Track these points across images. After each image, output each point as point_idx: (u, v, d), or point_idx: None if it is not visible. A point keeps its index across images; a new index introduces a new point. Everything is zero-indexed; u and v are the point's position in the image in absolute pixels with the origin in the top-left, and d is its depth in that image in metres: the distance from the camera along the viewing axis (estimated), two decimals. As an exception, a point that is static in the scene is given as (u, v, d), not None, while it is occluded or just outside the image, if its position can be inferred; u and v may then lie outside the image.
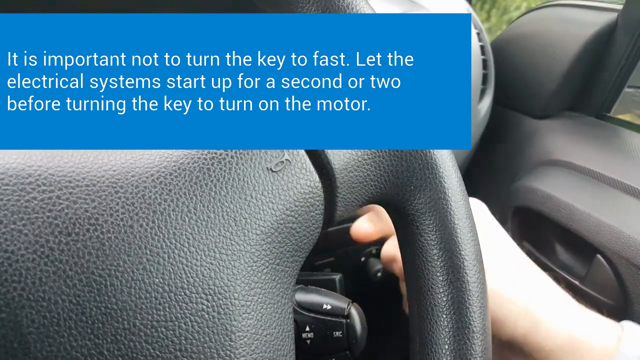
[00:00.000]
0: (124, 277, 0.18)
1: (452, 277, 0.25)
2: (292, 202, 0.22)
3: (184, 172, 0.21)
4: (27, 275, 0.17)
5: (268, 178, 0.22)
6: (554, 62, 0.71)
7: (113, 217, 0.19)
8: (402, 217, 0.26)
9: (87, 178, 0.19)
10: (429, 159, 0.24)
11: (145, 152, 0.21)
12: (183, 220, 0.20)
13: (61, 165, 0.19)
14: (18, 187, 0.18)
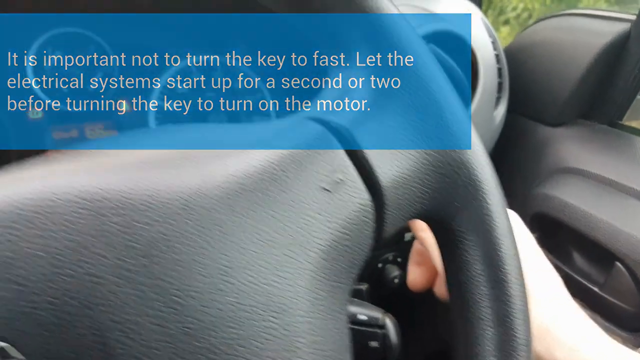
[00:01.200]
0: (200, 297, 0.19)
1: (497, 291, 0.26)
2: (346, 220, 0.23)
3: (246, 193, 0.21)
4: (112, 299, 0.17)
5: (324, 198, 0.22)
6: (568, 71, 0.72)
7: (187, 238, 0.19)
8: (446, 233, 0.27)
9: (160, 200, 0.20)
10: (474, 177, 0.25)
11: (209, 172, 0.22)
12: (249, 240, 0.20)
13: (134, 188, 0.20)
14: (97, 212, 0.19)
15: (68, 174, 0.20)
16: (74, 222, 0.18)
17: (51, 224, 0.18)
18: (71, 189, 0.19)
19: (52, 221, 0.18)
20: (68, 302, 0.17)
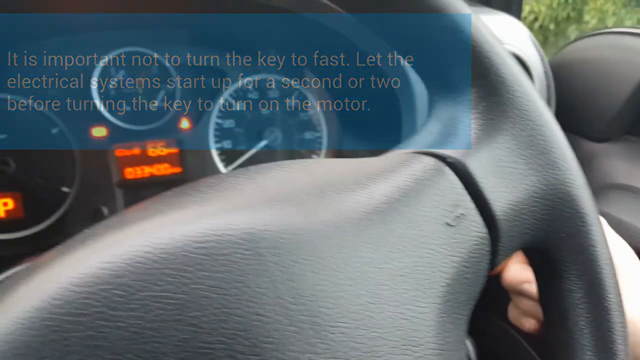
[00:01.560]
0: (349, 333, 0.19)
1: (600, 318, 0.27)
2: (467, 253, 0.23)
3: (376, 228, 0.22)
4: (276, 336, 0.18)
5: (447, 232, 0.23)
6: (615, 88, 0.73)
7: (332, 275, 0.20)
8: (549, 262, 0.28)
9: (305, 238, 0.20)
10: (580, 210, 0.26)
11: (342, 207, 0.22)
12: (384, 275, 0.21)
13: (284, 226, 0.20)
14: (257, 252, 0.19)
15: (222, 213, 0.21)
16: (237, 262, 0.18)
17: (218, 266, 0.18)
18: (232, 230, 0.19)
19: (218, 263, 0.18)
20: (239, 341, 0.17)
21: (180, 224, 0.20)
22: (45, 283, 0.18)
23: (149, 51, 0.64)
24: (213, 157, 0.68)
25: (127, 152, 0.64)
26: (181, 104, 0.66)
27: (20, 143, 0.59)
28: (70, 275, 0.17)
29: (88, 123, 0.62)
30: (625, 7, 3.45)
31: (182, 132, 0.67)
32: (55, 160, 0.61)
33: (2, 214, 0.59)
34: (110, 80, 0.63)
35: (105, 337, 0.16)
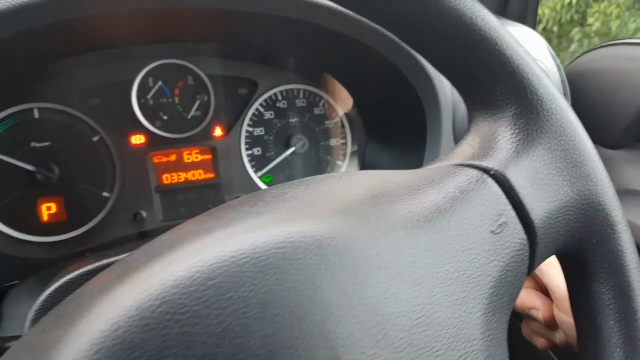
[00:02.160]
0: (406, 329, 0.21)
1: (628, 317, 0.29)
2: (509, 258, 0.25)
3: (431, 235, 0.24)
4: (346, 334, 0.20)
5: (492, 240, 0.25)
6: (629, 98, 0.76)
7: (391, 277, 0.22)
8: (580, 266, 0.30)
9: (365, 242, 0.22)
10: (610, 218, 0.28)
11: (391, 213, 0.24)
12: (435, 276, 0.23)
13: (347, 232, 0.22)
14: (325, 257, 0.21)
15: (292, 221, 0.22)
16: (309, 266, 0.20)
17: (293, 269, 0.20)
18: (303, 237, 0.21)
19: (293, 267, 0.20)
20: (315, 337, 0.19)
21: (258, 231, 0.22)
22: (142, 284, 0.19)
23: (185, 63, 0.67)
24: (244, 163, 0.71)
25: (163, 159, 0.67)
26: (215, 113, 0.68)
27: (63, 150, 0.62)
28: (168, 277, 0.19)
29: (127, 131, 0.65)
30: (629, 10, 3.47)
31: (215, 139, 0.69)
32: (96, 166, 0.64)
33: (46, 217, 0.62)
34: (149, 90, 0.65)
35: (199, 333, 0.18)
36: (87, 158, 0.63)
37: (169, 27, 0.59)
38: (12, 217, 0.60)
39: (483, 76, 0.31)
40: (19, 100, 0.60)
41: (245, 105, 0.71)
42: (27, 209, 0.61)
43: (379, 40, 0.60)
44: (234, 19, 0.59)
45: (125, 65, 0.64)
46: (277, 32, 0.63)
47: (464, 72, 0.32)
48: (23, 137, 0.60)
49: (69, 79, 0.62)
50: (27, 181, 0.60)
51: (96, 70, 0.63)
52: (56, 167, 0.61)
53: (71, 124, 0.62)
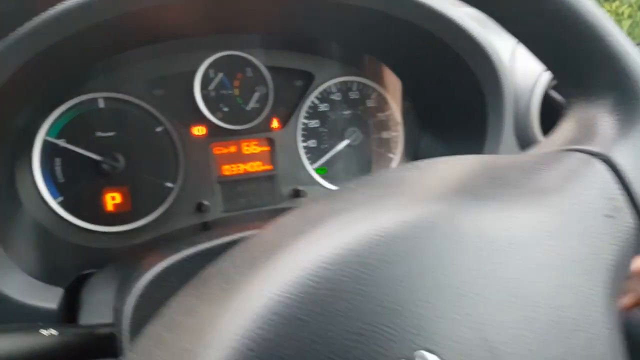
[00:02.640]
0: (528, 318, 0.21)
1: None
2: (624, 241, 0.25)
3: (544, 219, 0.24)
4: (471, 309, 0.20)
5: (607, 223, 0.25)
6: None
7: (515, 261, 0.22)
8: None
9: (484, 227, 0.22)
10: None
11: (510, 199, 0.24)
12: (558, 259, 0.23)
13: (464, 217, 0.22)
14: (450, 239, 0.21)
15: (427, 202, 0.23)
16: (447, 246, 0.21)
17: (435, 248, 0.21)
18: (436, 218, 0.22)
19: (435, 246, 0.21)
20: (459, 315, 0.20)
21: (395, 211, 0.22)
22: (294, 261, 0.20)
23: (245, 54, 0.67)
24: (300, 155, 0.71)
25: (224, 150, 0.67)
26: (273, 106, 0.69)
27: (127, 140, 0.62)
28: (324, 255, 0.19)
29: (189, 122, 0.65)
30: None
31: (273, 131, 0.70)
32: (159, 157, 0.64)
33: (111, 207, 0.62)
34: (210, 82, 0.66)
35: (355, 309, 0.19)
36: (150, 148, 0.63)
37: (228, 17, 0.60)
38: (78, 206, 0.60)
39: (584, 62, 0.31)
40: (84, 90, 0.60)
41: (301, 97, 0.71)
42: (92, 199, 0.61)
43: (442, 27, 0.59)
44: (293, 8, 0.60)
45: (188, 56, 0.64)
46: (334, 21, 0.63)
47: (565, 58, 0.32)
48: (88, 126, 0.61)
49: (133, 70, 0.62)
50: (93, 171, 0.61)
51: (160, 61, 0.63)
52: (121, 157, 0.61)
53: (135, 114, 0.62)
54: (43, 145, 0.58)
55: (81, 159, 0.60)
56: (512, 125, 0.65)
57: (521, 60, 0.67)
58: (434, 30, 0.60)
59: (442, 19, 0.58)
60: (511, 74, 0.64)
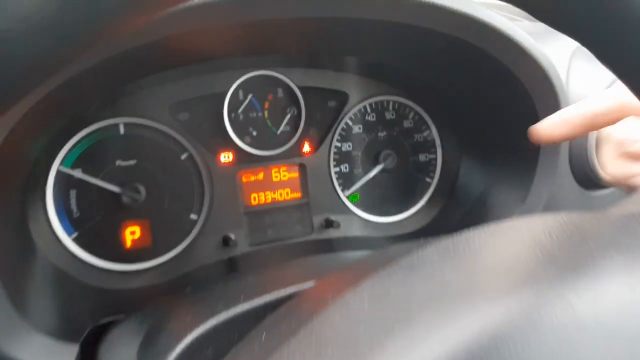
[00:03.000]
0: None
1: None
2: None
3: None
4: None
5: None
6: None
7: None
8: None
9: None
10: None
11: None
12: None
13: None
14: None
15: (519, 290, 0.19)
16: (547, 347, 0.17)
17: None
18: (539, 313, 0.18)
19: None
20: None
21: (498, 302, 0.18)
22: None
23: (276, 74, 0.62)
24: (333, 181, 0.66)
25: (252, 177, 0.62)
26: (305, 128, 0.63)
27: (150, 169, 0.57)
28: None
29: (216, 148, 0.60)
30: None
31: (304, 156, 0.64)
32: (184, 186, 0.59)
33: (129, 243, 0.57)
34: (240, 104, 0.60)
35: None
36: (174, 177, 0.58)
37: (259, 38, 0.54)
38: (93, 243, 0.55)
39: None
40: (104, 116, 0.55)
41: (335, 118, 0.66)
42: (109, 234, 0.56)
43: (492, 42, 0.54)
44: (326, 27, 0.54)
45: (215, 77, 0.59)
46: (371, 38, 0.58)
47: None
48: (108, 155, 0.55)
49: (157, 93, 0.57)
50: (112, 203, 0.55)
51: (186, 83, 0.58)
52: (143, 188, 0.56)
53: (159, 140, 0.57)
54: (57, 176, 0.53)
55: (98, 191, 0.55)
56: (567, 153, 0.59)
57: (578, 78, 0.61)
58: (483, 44, 0.54)
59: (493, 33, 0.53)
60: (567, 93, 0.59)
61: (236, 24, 0.47)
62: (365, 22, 0.51)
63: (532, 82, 0.57)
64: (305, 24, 0.52)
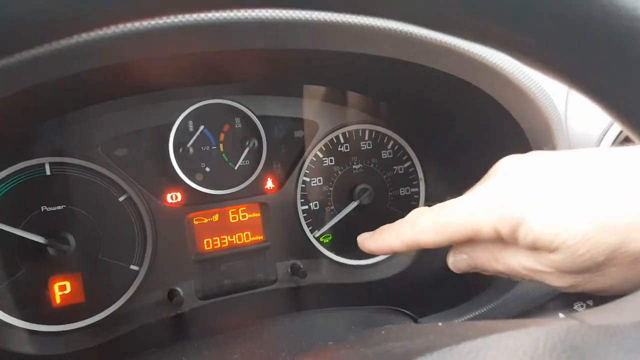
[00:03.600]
0: None
1: None
2: None
3: None
4: None
5: None
6: None
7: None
8: None
9: None
10: None
11: None
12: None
13: None
14: None
15: None
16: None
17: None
18: None
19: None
20: None
21: None
22: None
23: (232, 103, 0.54)
24: (300, 221, 0.58)
25: (204, 220, 0.54)
26: (266, 162, 0.56)
27: (81, 215, 0.49)
28: None
29: (161, 188, 0.52)
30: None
31: (267, 194, 0.56)
32: (122, 233, 0.51)
33: (59, 300, 0.49)
34: (189, 137, 0.53)
35: None
36: (110, 223, 0.50)
37: (216, 67, 0.46)
38: (15, 302, 0.47)
39: None
40: (28, 155, 0.47)
41: (302, 150, 0.58)
42: (34, 291, 0.48)
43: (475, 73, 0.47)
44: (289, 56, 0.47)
45: (159, 108, 0.51)
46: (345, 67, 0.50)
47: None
48: (31, 199, 0.48)
49: (89, 127, 0.49)
50: (36, 256, 0.48)
51: (123, 116, 0.50)
52: (72, 237, 0.48)
53: (92, 181, 0.49)
54: (-32, 226, 0.45)
55: (20, 242, 0.47)
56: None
57: (577, 111, 0.54)
58: (464, 75, 0.47)
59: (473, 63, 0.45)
60: (566, 127, 0.52)
61: (187, 57, 0.39)
62: (337, 53, 0.43)
63: (520, 111, 0.49)
64: (267, 54, 0.44)
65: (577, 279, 0.36)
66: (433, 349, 0.19)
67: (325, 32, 0.37)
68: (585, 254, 0.33)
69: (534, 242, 0.34)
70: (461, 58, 0.44)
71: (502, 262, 0.39)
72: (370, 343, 0.21)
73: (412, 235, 0.43)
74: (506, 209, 0.35)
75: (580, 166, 0.36)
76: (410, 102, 0.57)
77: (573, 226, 0.33)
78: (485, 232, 0.37)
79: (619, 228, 0.32)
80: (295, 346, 0.36)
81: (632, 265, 0.34)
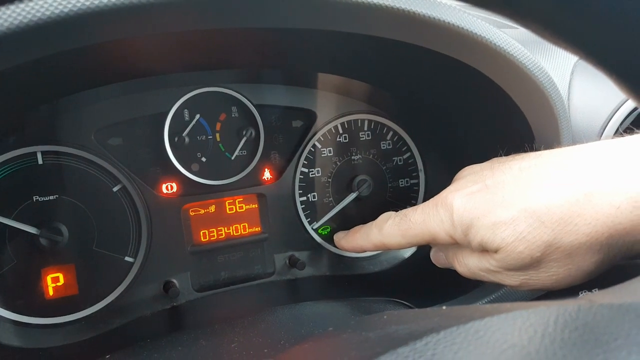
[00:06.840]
0: None
1: None
2: None
3: None
4: None
5: None
6: None
7: None
8: None
9: None
10: None
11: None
12: None
13: None
14: None
15: None
16: None
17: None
18: None
19: None
20: None
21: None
22: None
23: (229, 91, 0.53)
24: (298, 213, 0.57)
25: (201, 211, 0.53)
26: (264, 152, 0.55)
27: (74, 205, 0.48)
28: None
29: (156, 178, 0.51)
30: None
31: (264, 184, 0.55)
32: (116, 224, 0.50)
33: (51, 292, 0.48)
34: (184, 126, 0.52)
35: None
36: (104, 214, 0.49)
37: (212, 51, 0.45)
38: (6, 294, 0.46)
39: None
40: (19, 143, 0.46)
41: (300, 140, 0.57)
42: (27, 283, 0.47)
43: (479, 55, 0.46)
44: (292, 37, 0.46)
45: (155, 95, 0.50)
46: (346, 51, 0.49)
47: None
48: (23, 189, 0.47)
49: (83, 115, 0.48)
50: (28, 247, 0.47)
51: (117, 103, 0.49)
52: (65, 228, 0.47)
53: (85, 170, 0.48)
54: (-42, 216, 0.44)
55: (12, 233, 0.46)
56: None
57: (582, 95, 0.53)
58: (466, 58, 0.46)
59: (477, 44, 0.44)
60: (569, 113, 0.51)
61: (183, 35, 0.38)
62: (334, 34, 0.42)
63: (524, 98, 0.48)
64: (266, 36, 0.43)
65: (524, 276, 0.40)
66: (439, 330, 0.18)
67: (323, 8, 0.36)
68: (524, 251, 0.37)
69: (480, 244, 0.39)
70: (464, 39, 0.43)
71: (462, 263, 0.44)
72: (373, 327, 0.20)
73: (379, 238, 0.48)
74: (457, 215, 0.40)
75: (523, 170, 0.39)
76: (410, 91, 0.56)
77: (510, 227, 0.37)
78: (441, 237, 0.43)
79: (550, 224, 0.36)
80: (294, 334, 0.36)
81: (568, 259, 0.37)
